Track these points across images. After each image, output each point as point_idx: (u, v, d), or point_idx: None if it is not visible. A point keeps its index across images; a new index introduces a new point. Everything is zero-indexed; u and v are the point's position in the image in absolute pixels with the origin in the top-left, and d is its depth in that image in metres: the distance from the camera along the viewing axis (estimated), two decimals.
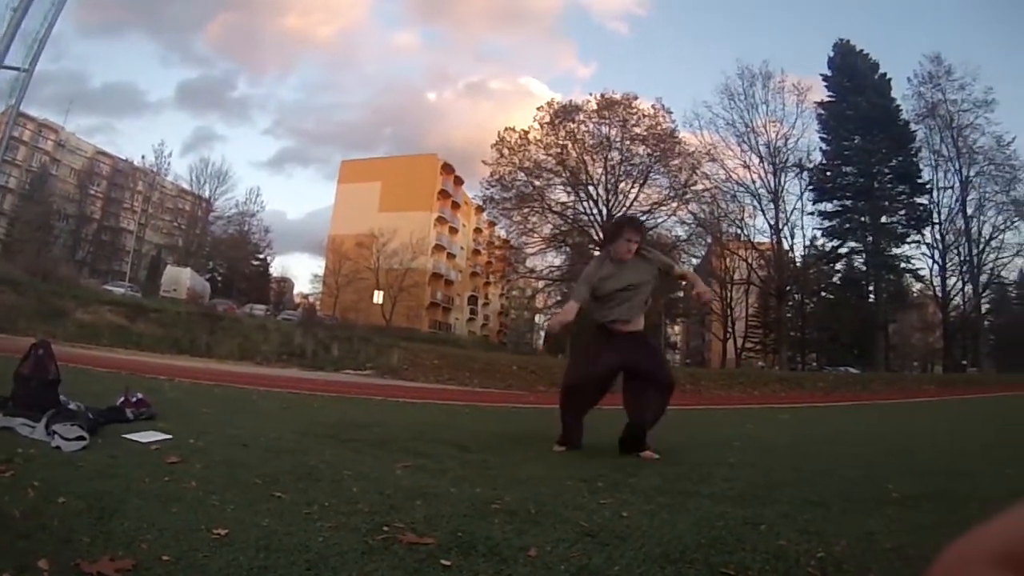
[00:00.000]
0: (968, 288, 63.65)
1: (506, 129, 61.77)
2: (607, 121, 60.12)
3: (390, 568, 2.81)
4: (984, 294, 65.40)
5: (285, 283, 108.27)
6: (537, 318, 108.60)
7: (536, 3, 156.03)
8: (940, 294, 64.65)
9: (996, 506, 2.34)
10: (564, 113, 61.01)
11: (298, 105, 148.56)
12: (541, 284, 72.29)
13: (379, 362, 30.68)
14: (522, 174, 60.34)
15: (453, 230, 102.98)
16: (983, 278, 62.87)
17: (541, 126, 60.97)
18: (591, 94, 62.49)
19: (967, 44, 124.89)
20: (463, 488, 4.51)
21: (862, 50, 69.16)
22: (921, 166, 64.99)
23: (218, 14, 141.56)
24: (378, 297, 71.61)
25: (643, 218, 58.37)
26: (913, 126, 64.76)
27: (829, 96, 68.25)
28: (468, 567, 2.89)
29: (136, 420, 6.43)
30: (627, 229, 7.04)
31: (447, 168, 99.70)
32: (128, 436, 5.52)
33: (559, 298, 79.91)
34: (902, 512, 4.22)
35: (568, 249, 64.80)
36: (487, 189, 62.15)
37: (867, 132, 64.78)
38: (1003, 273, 65.39)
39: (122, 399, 6.68)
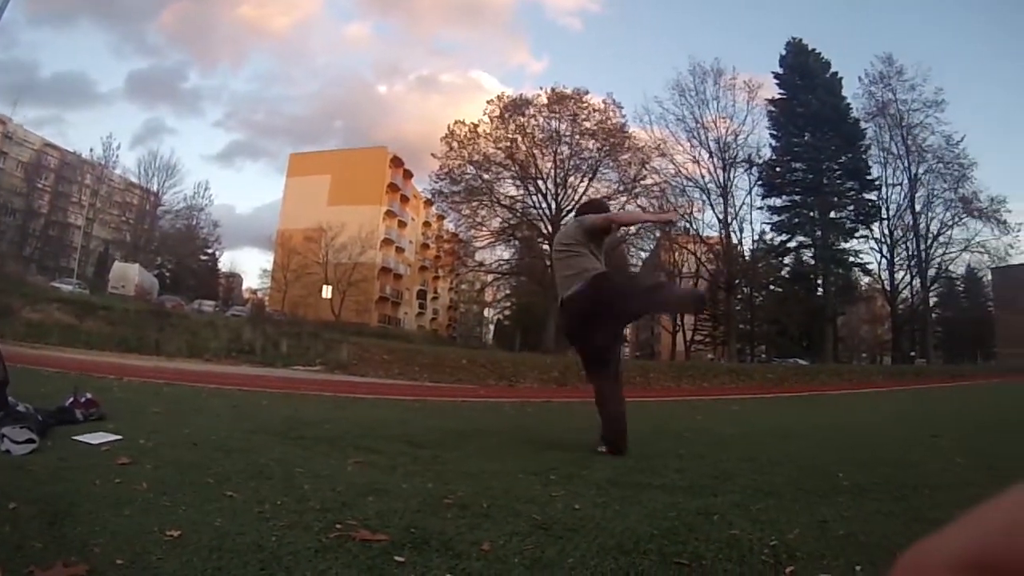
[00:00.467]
0: (916, 282, 64.88)
1: (456, 122, 61.81)
2: (557, 115, 60.29)
3: (344, 566, 2.81)
4: (932, 288, 66.58)
5: (234, 278, 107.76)
6: (486, 312, 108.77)
7: None
8: (888, 288, 65.91)
9: (944, 494, 2.46)
10: (514, 107, 61.03)
11: (250, 97, 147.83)
12: (490, 278, 72.88)
13: (329, 357, 30.38)
14: (471, 168, 60.35)
15: (402, 224, 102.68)
16: (931, 272, 63.92)
17: (491, 120, 61.10)
18: (542, 88, 63.14)
19: (921, 46, 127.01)
20: (415, 483, 4.52)
21: (814, 49, 70.05)
22: (870, 163, 66.21)
23: (173, 2, 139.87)
24: (327, 292, 71.48)
25: None
26: (863, 124, 65.88)
27: (780, 94, 69.02)
28: (422, 563, 2.90)
29: (86, 421, 6.36)
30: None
31: (396, 161, 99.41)
32: (78, 438, 5.46)
33: (508, 291, 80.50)
34: (853, 500, 4.30)
35: (517, 243, 65.08)
36: (436, 182, 62.21)
37: (817, 129, 65.72)
38: (951, 268, 66.55)
39: (71, 400, 6.60)
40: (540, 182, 60.85)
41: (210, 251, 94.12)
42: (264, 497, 3.84)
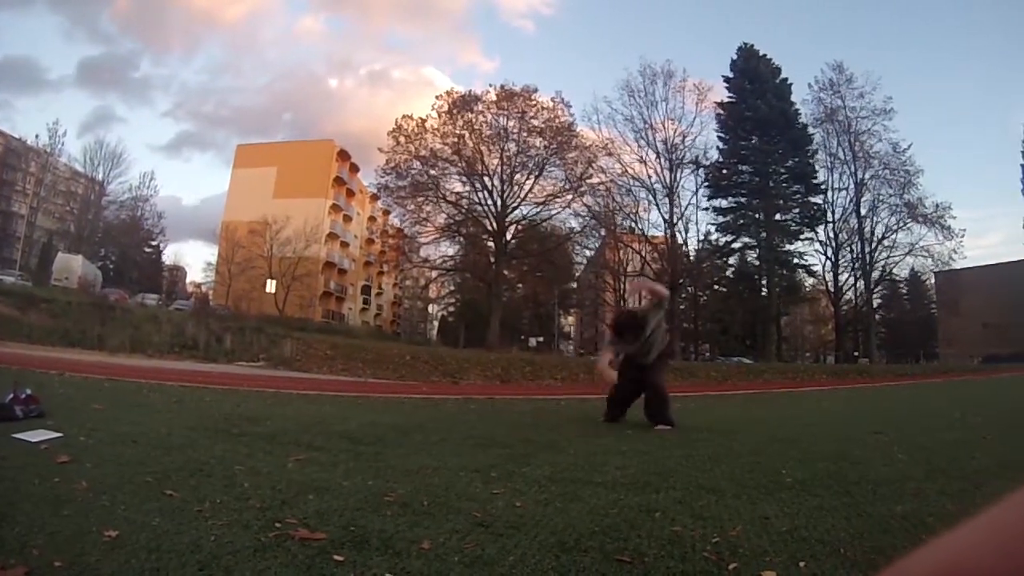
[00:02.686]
0: (860, 284, 65.69)
1: (404, 117, 61.29)
2: (506, 112, 60.07)
3: (283, 565, 2.81)
4: (875, 290, 67.63)
5: (178, 271, 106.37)
6: (431, 308, 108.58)
7: None
8: (832, 289, 66.52)
9: (886, 489, 2.56)
10: (463, 103, 60.72)
11: (200, 88, 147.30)
12: (434, 274, 72.25)
13: (272, 353, 30.20)
14: (418, 163, 59.86)
15: (347, 218, 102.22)
16: (875, 275, 64.70)
17: (439, 115, 60.65)
18: (491, 85, 62.58)
19: (874, 56, 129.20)
20: (355, 481, 4.54)
21: (765, 55, 71.00)
22: (817, 167, 67.06)
23: None
24: (271, 286, 70.57)
25: (536, 210, 60.47)
26: (811, 129, 66.80)
27: (730, 97, 69.79)
28: (362, 561, 2.90)
29: (26, 418, 6.33)
30: (627, 334, 8.97)
31: (343, 155, 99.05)
32: (17, 436, 5.45)
33: (452, 288, 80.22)
34: (795, 496, 4.36)
35: (462, 239, 64.86)
36: (382, 177, 61.54)
37: (765, 133, 66.60)
38: (895, 271, 67.34)
39: (11, 396, 6.54)
40: (486, 179, 60.68)
41: (154, 243, 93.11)
42: (204, 495, 3.85)
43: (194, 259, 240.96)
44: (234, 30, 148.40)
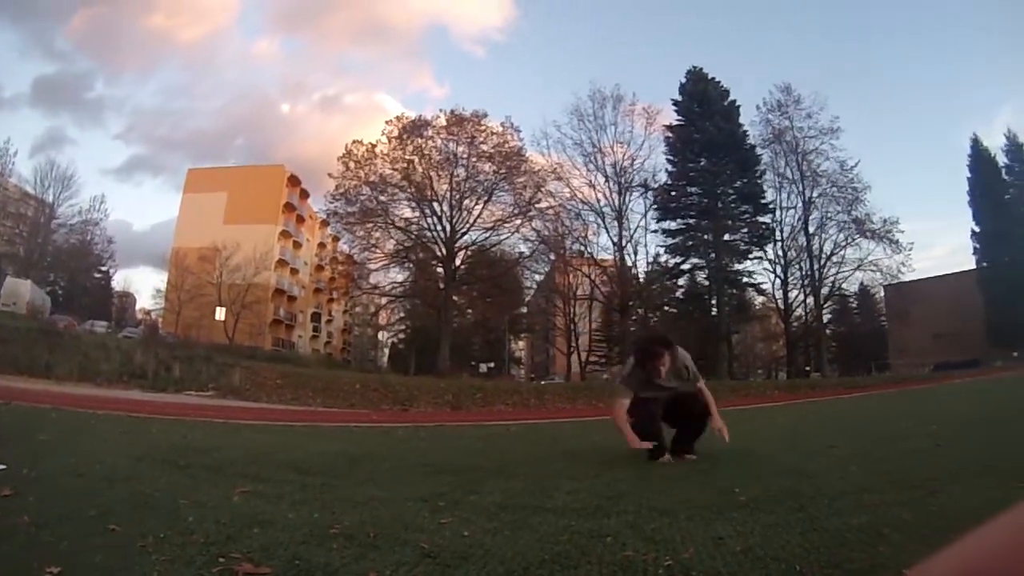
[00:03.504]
0: (810, 300, 66.82)
1: (354, 142, 61.07)
2: (455, 138, 60.06)
3: None
4: (825, 305, 68.59)
5: (127, 298, 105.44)
6: (381, 335, 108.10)
7: (399, 22, 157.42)
8: (782, 306, 67.60)
9: (842, 502, 2.60)
10: (413, 128, 60.62)
11: (154, 110, 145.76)
12: (384, 300, 72.12)
13: (221, 382, 29.56)
14: (367, 188, 59.63)
15: (297, 244, 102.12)
16: (824, 290, 65.94)
17: (389, 140, 60.50)
18: (441, 111, 62.26)
19: (820, 76, 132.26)
20: (301, 513, 4.47)
21: (714, 78, 71.78)
22: (765, 187, 68.15)
23: (85, 6, 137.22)
24: (220, 313, 70.31)
25: (486, 236, 60.32)
26: (759, 150, 67.88)
27: (678, 120, 70.41)
28: None
29: None
30: (658, 353, 7.52)
31: (293, 180, 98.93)
32: None
33: (402, 314, 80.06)
34: (749, 515, 4.33)
35: (412, 265, 64.73)
36: (332, 202, 61.12)
37: (713, 155, 67.15)
38: (844, 286, 68.78)
39: None
40: (436, 204, 60.56)
41: (104, 268, 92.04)
42: (148, 530, 3.75)
43: (144, 285, 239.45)
44: (190, 51, 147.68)
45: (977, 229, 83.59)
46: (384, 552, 3.50)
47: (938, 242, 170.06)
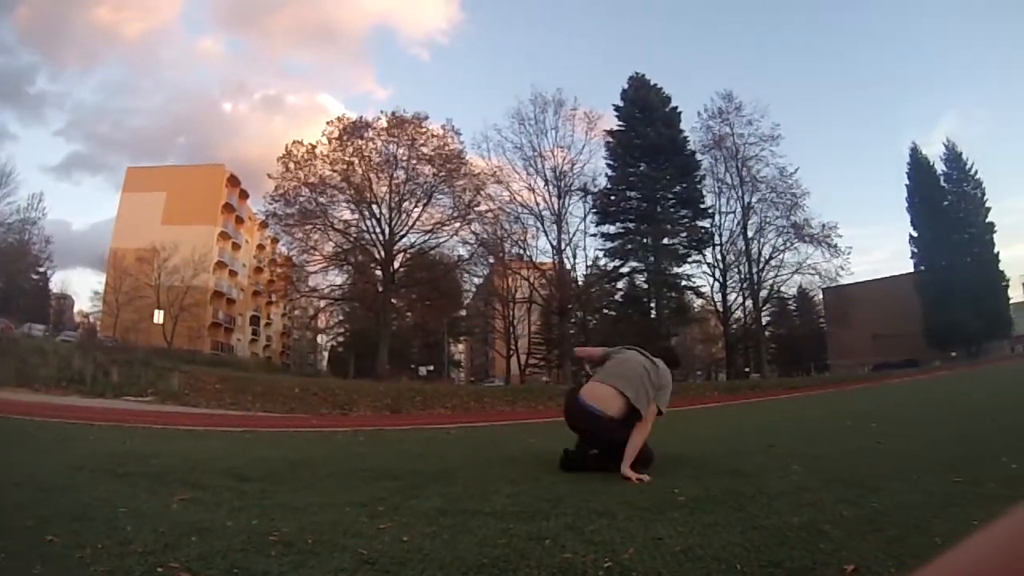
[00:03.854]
0: (749, 302, 67.53)
1: (294, 142, 60.52)
2: (396, 140, 59.89)
3: None
4: (764, 308, 69.32)
5: (65, 300, 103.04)
6: (320, 338, 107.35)
7: (344, 24, 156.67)
8: (721, 309, 68.38)
9: (781, 501, 2.80)
10: (353, 129, 60.27)
11: (96, 106, 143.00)
12: (323, 303, 71.48)
13: (160, 387, 29.03)
14: (306, 190, 58.99)
15: (236, 246, 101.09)
16: (763, 293, 66.76)
17: (329, 141, 59.96)
18: (382, 112, 61.99)
19: (764, 83, 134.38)
20: (240, 520, 4.43)
21: (656, 84, 72.39)
22: (705, 192, 68.88)
23: None
24: (159, 316, 69.15)
25: (425, 238, 60.70)
26: (699, 156, 68.53)
27: (620, 125, 70.79)
28: None
29: None
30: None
31: (233, 180, 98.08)
32: None
33: (341, 318, 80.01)
34: (689, 515, 4.35)
35: (350, 268, 64.23)
36: (271, 204, 60.11)
37: (653, 160, 68.02)
38: (783, 289, 70.05)
39: None
40: (375, 207, 60.21)
41: (42, 269, 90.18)
42: (86, 540, 3.73)
43: (82, 287, 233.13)
44: (134, 47, 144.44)
45: (915, 234, 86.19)
46: (323, 559, 3.50)
47: (877, 246, 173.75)
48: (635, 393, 6.72)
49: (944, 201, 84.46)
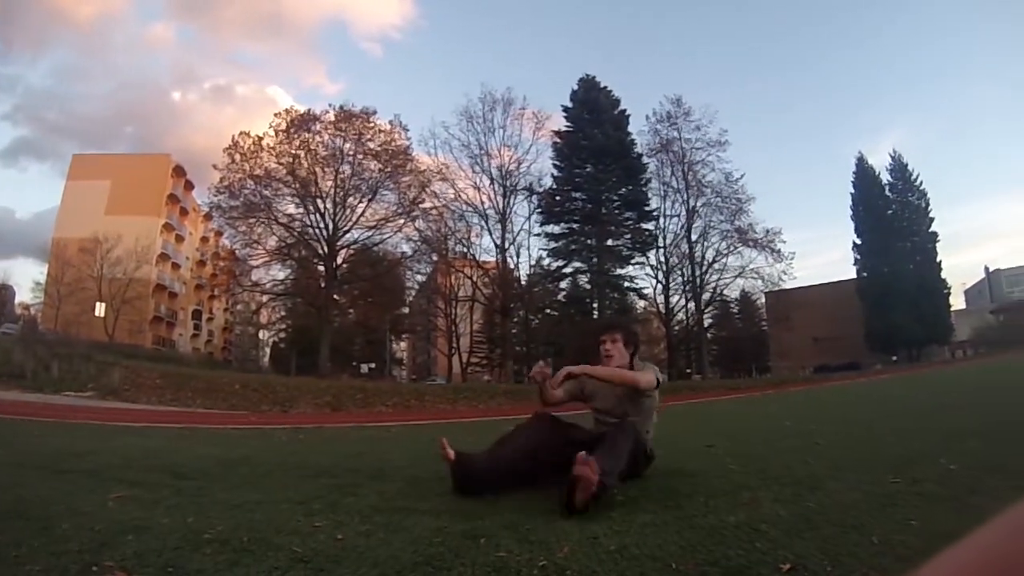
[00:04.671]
0: (691, 305, 68.44)
1: (241, 133, 59.86)
2: (343, 134, 59.68)
3: None
4: (707, 310, 70.23)
5: (6, 291, 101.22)
6: (262, 334, 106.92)
7: (298, 16, 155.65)
8: (663, 310, 69.15)
9: (719, 500, 3.38)
10: (301, 122, 59.82)
11: (44, 91, 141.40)
12: (265, 298, 70.78)
13: (101, 382, 28.96)
14: (251, 182, 58.38)
15: (180, 238, 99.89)
16: (706, 296, 67.77)
17: (276, 133, 59.49)
18: (331, 105, 61.67)
19: (714, 91, 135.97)
20: (176, 518, 4.39)
21: (606, 87, 72.98)
22: (650, 195, 69.62)
23: None
24: (100, 309, 67.89)
25: (368, 234, 60.19)
26: (646, 159, 69.22)
27: (567, 126, 71.29)
28: None
29: None
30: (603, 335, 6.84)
31: (179, 170, 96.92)
32: None
33: (283, 313, 79.88)
34: (626, 514, 4.35)
35: (293, 263, 63.71)
36: (215, 196, 59.41)
37: (600, 161, 68.52)
38: (725, 292, 70.82)
39: None
40: (320, 201, 59.88)
41: None
42: (21, 539, 3.68)
43: (23, 278, 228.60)
44: (85, 32, 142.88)
45: (859, 241, 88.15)
46: (257, 557, 3.49)
47: (820, 252, 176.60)
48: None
49: (888, 210, 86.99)
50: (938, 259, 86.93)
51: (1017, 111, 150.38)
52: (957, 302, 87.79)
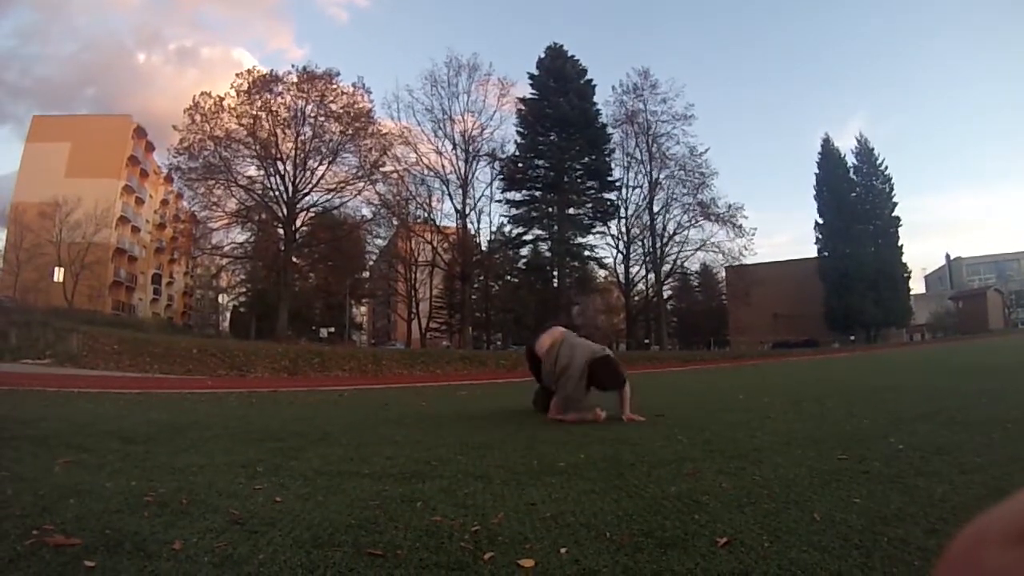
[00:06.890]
0: (651, 276, 69.08)
1: (202, 94, 58.76)
2: (305, 96, 59.13)
3: (35, 575, 2.71)
4: (666, 282, 71.05)
5: None
6: (221, 298, 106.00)
7: None
8: (623, 280, 69.76)
9: (662, 470, 3.51)
10: (263, 83, 59.08)
11: (4, 52, 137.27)
12: (225, 262, 70.42)
13: (58, 349, 28.47)
14: (211, 143, 57.37)
15: (140, 201, 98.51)
16: (666, 268, 68.51)
17: (238, 94, 58.68)
18: (293, 66, 61.18)
19: (683, 66, 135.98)
20: (119, 482, 4.44)
21: (573, 56, 73.15)
22: (613, 165, 70.36)
23: None
24: (58, 274, 66.26)
25: (328, 198, 60.11)
26: (610, 129, 69.71)
27: (532, 94, 71.66)
28: (111, 566, 2.82)
29: None
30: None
31: (140, 132, 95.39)
32: None
33: (243, 277, 79.34)
34: (566, 481, 4.43)
35: (253, 226, 63.39)
36: (175, 157, 58.29)
37: (564, 130, 68.95)
38: (686, 264, 71.69)
39: None
40: (280, 163, 59.26)
41: None
42: None
43: None
44: None
45: (821, 221, 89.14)
46: (194, 519, 3.52)
47: (782, 230, 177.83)
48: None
49: (852, 193, 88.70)
50: (900, 243, 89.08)
51: (987, 108, 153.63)
52: (917, 287, 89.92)
